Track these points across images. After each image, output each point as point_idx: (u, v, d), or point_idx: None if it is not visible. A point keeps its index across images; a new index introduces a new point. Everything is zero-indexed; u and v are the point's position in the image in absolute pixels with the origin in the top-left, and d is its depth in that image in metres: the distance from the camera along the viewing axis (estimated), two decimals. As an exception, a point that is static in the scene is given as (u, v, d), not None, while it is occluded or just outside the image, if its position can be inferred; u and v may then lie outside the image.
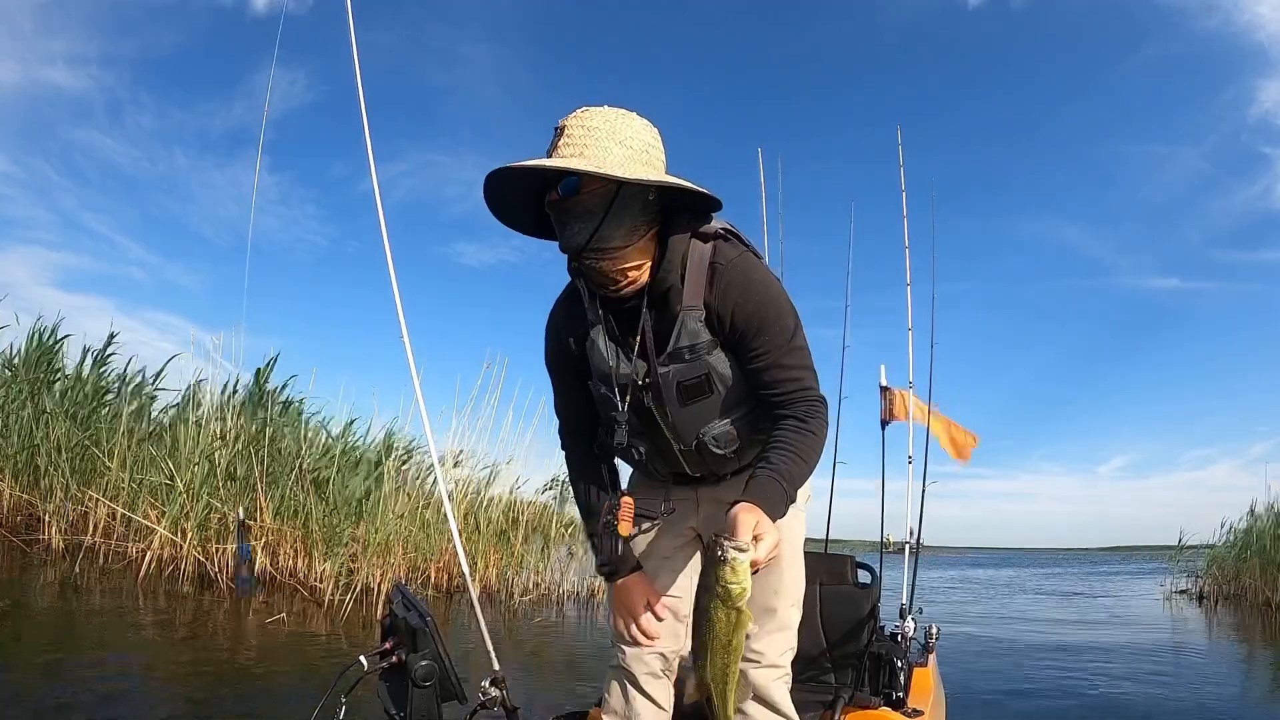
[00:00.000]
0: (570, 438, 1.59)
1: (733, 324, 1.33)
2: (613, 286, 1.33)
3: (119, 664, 3.74)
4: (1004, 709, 4.53)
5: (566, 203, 1.26)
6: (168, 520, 5.75)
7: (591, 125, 1.26)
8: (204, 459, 5.98)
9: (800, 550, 1.61)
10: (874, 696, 2.20)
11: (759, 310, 1.33)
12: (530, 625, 6.52)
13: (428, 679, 1.46)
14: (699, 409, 1.40)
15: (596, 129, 1.26)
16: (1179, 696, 4.94)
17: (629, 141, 1.27)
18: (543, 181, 1.29)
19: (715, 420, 1.42)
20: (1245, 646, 7.94)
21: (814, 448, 1.33)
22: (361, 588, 5.93)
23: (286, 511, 6.11)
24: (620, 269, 1.31)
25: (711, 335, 1.35)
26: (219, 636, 4.63)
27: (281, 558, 6.06)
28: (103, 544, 5.84)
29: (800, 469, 1.30)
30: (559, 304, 1.52)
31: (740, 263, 1.35)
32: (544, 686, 4.03)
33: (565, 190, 1.26)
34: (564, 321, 1.48)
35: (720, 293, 1.33)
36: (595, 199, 1.25)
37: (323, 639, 4.92)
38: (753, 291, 1.33)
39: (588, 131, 1.26)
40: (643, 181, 1.24)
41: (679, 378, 1.37)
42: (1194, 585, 12.07)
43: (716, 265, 1.34)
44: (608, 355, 1.40)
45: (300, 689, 3.65)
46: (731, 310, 1.32)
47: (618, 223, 1.26)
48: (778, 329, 1.34)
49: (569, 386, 1.53)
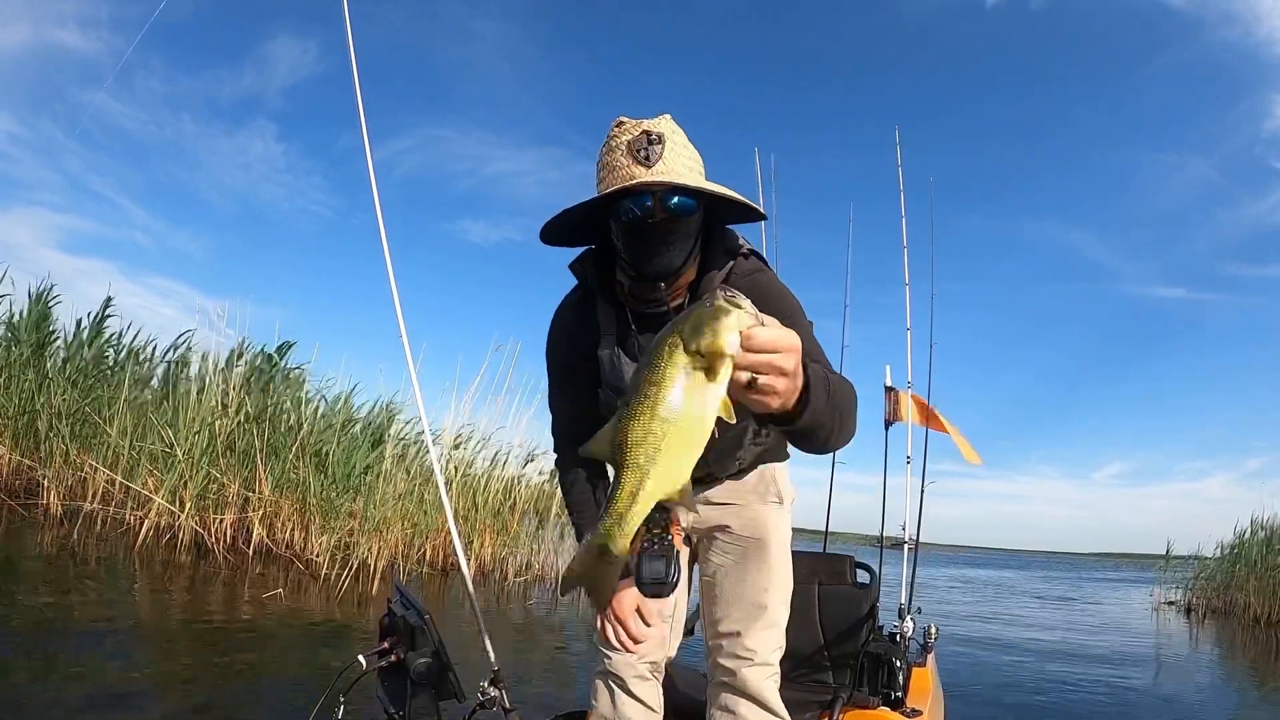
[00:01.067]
0: (565, 440, 1.57)
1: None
2: (660, 302, 1.32)
3: (111, 634, 3.75)
4: (1003, 709, 4.56)
5: (675, 223, 1.23)
6: (165, 489, 5.75)
7: (683, 141, 1.25)
8: (205, 428, 5.97)
9: (788, 548, 1.60)
10: (872, 696, 2.21)
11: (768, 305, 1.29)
12: (524, 607, 6.54)
13: (426, 677, 1.45)
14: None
15: (687, 146, 1.25)
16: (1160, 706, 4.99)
17: (698, 160, 1.28)
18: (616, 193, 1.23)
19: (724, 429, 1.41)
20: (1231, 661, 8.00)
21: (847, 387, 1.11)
22: (359, 564, 5.94)
23: (286, 484, 6.11)
24: (678, 287, 1.31)
25: None
26: (214, 608, 4.64)
27: (278, 530, 6.07)
28: (101, 510, 5.85)
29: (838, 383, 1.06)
30: (570, 306, 1.48)
31: (756, 276, 1.35)
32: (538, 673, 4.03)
33: (681, 211, 1.22)
34: (576, 326, 1.45)
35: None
36: (691, 223, 1.25)
37: (317, 615, 4.94)
38: (761, 291, 1.31)
39: (685, 148, 1.24)
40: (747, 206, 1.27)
41: None
42: (1182, 597, 12.08)
43: (731, 276, 1.34)
44: (620, 367, 1.38)
45: (293, 665, 3.67)
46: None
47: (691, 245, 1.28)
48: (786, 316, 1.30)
49: (571, 388, 1.51)
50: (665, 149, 1.21)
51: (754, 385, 0.81)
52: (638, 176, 1.20)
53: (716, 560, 1.58)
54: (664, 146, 1.20)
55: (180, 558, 5.56)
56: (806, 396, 0.91)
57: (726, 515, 1.57)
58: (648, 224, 1.22)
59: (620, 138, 1.23)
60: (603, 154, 1.27)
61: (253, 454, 6.02)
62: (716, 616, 1.55)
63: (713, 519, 1.58)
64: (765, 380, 0.81)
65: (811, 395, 0.91)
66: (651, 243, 1.24)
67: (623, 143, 1.22)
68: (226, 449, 6.03)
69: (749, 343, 0.78)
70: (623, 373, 1.38)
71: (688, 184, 1.19)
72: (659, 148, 1.20)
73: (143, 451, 5.92)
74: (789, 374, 0.83)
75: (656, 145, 1.20)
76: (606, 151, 1.26)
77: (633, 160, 1.20)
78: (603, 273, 1.40)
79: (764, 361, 0.80)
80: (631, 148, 1.21)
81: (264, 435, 6.08)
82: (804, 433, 0.97)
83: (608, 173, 1.25)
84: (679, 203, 1.21)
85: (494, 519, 7.32)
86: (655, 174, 1.20)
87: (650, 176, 1.20)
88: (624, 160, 1.21)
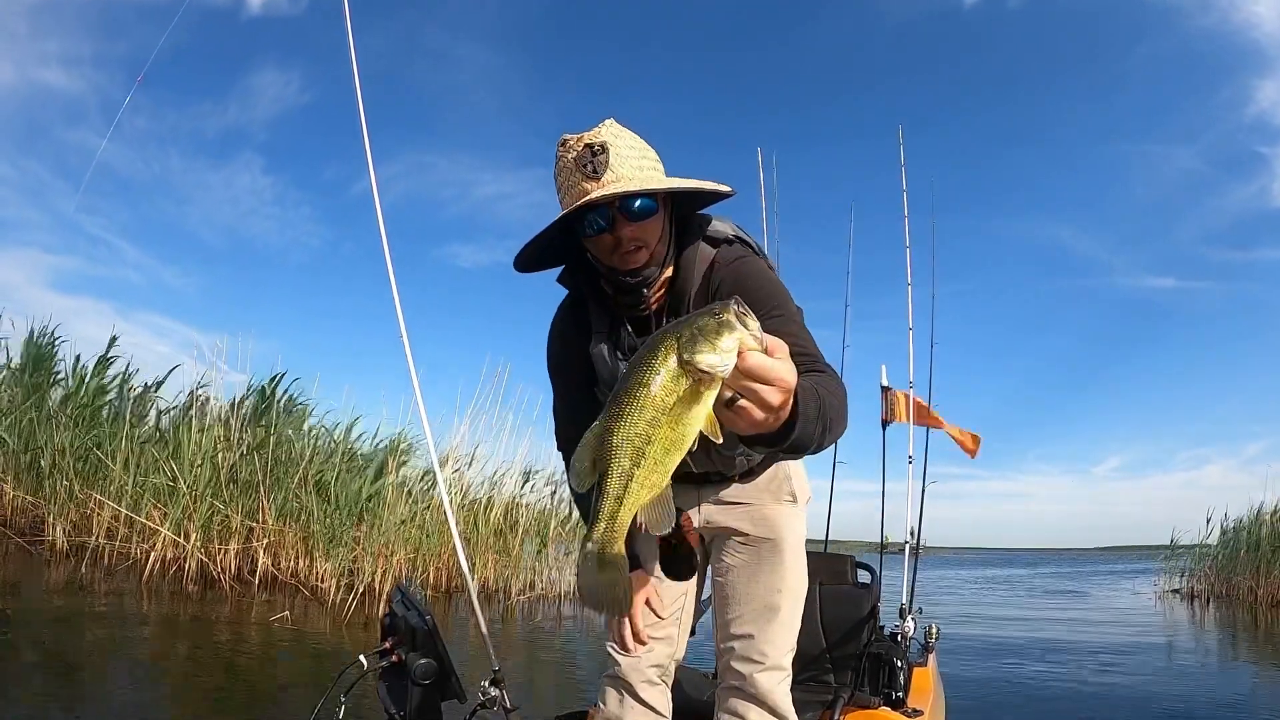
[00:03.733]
0: (570, 445, 1.52)
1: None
2: (644, 305, 1.33)
3: (123, 662, 3.76)
4: (1004, 708, 4.53)
5: (640, 230, 1.24)
6: (170, 522, 5.77)
7: (628, 143, 1.24)
8: (207, 462, 6.00)
9: (802, 549, 1.57)
10: (874, 696, 2.20)
11: (754, 288, 1.29)
12: (528, 623, 6.56)
13: (427, 678, 1.46)
14: None
15: (633, 146, 1.24)
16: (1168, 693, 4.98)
17: (652, 155, 1.27)
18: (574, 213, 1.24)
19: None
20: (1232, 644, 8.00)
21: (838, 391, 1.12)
22: (364, 588, 5.94)
23: (289, 513, 6.13)
24: (659, 285, 1.32)
25: None
26: (222, 634, 4.65)
27: (283, 558, 6.08)
28: (106, 545, 5.87)
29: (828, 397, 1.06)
30: (564, 311, 1.49)
31: (738, 264, 1.34)
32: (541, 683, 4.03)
33: (643, 214, 1.23)
34: (571, 329, 1.46)
35: (714, 292, 1.32)
36: (657, 222, 1.25)
37: (325, 636, 4.94)
38: (746, 281, 1.31)
39: (631, 149, 1.23)
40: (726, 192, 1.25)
41: None
42: (1185, 584, 12.10)
43: (715, 265, 1.34)
44: (611, 364, 1.38)
45: (302, 685, 3.67)
46: (725, 291, 1.30)
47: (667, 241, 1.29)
48: (774, 307, 1.29)
49: (573, 393, 1.50)
50: (610, 156, 1.21)
51: (732, 404, 0.79)
52: (589, 192, 1.21)
53: (729, 561, 1.55)
54: (608, 155, 1.20)
55: (187, 588, 5.58)
56: (793, 422, 0.87)
57: (739, 515, 1.55)
58: (614, 235, 1.23)
59: (566, 156, 1.23)
60: (556, 175, 1.27)
61: (255, 485, 6.04)
62: (729, 618, 1.52)
63: (725, 519, 1.56)
64: (744, 404, 0.79)
65: (799, 420, 0.88)
66: (623, 252, 1.25)
67: (570, 160, 1.23)
68: (230, 481, 6.06)
69: (742, 364, 0.76)
70: (615, 369, 1.37)
71: (637, 189, 1.19)
72: (603, 157, 1.20)
73: (146, 486, 5.95)
74: (774, 407, 0.80)
75: (600, 156, 1.20)
76: (558, 172, 1.26)
77: (582, 176, 1.21)
78: (591, 276, 1.41)
79: (750, 389, 0.77)
80: (578, 163, 1.21)
81: (266, 467, 6.11)
82: (786, 450, 0.95)
83: (563, 193, 1.26)
84: (640, 206, 1.22)
85: (496, 539, 7.33)
86: (605, 185, 1.21)
87: (600, 189, 1.20)
88: (575, 178, 1.22)
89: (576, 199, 1.21)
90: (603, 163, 1.20)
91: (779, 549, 1.52)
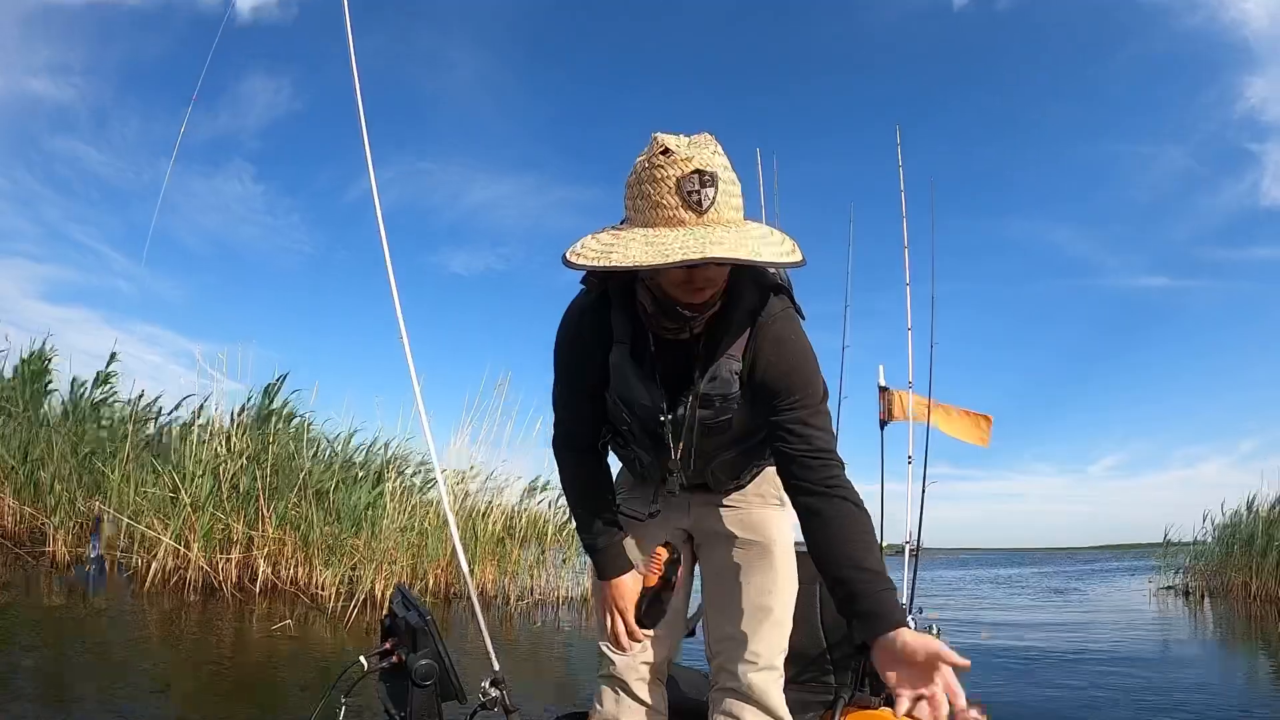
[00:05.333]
0: (568, 450, 1.53)
1: (762, 379, 1.32)
2: (684, 334, 1.32)
3: (124, 672, 3.76)
4: (1005, 707, 4.52)
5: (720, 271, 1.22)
6: (171, 532, 5.78)
7: (731, 177, 1.15)
8: (209, 473, 6.01)
9: (792, 549, 1.58)
10: (874, 696, 2.20)
11: (791, 372, 1.32)
12: (527, 628, 6.58)
13: (428, 678, 1.47)
14: (712, 444, 1.43)
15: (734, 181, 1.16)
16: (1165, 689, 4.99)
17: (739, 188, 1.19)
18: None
19: (724, 452, 1.46)
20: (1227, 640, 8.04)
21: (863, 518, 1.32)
22: (364, 595, 5.95)
23: (289, 523, 6.14)
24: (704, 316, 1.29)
25: (739, 389, 1.34)
26: (224, 642, 4.66)
27: (284, 567, 6.08)
28: (107, 556, 5.88)
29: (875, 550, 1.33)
30: (583, 312, 1.39)
31: (781, 319, 1.32)
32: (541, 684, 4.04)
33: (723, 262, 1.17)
34: (589, 331, 1.38)
35: (760, 354, 1.31)
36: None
37: (327, 643, 4.94)
38: (786, 351, 1.32)
39: (732, 185, 1.15)
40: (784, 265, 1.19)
41: (703, 421, 1.37)
42: (1180, 580, 12.14)
43: (765, 327, 1.31)
44: (631, 377, 1.37)
45: (303, 690, 3.68)
46: (764, 366, 1.31)
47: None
48: (807, 393, 1.32)
49: (578, 394, 1.46)
50: (718, 193, 1.11)
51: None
52: (687, 223, 1.11)
53: (718, 562, 1.56)
54: (716, 190, 1.11)
55: (189, 598, 5.58)
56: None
57: (728, 518, 1.57)
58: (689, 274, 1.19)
59: (668, 170, 1.11)
60: (642, 180, 1.14)
61: (255, 494, 6.05)
62: (720, 619, 1.53)
63: (715, 522, 1.58)
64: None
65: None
66: (695, 288, 1.21)
67: (671, 177, 1.11)
68: (230, 490, 6.08)
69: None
70: (631, 386, 1.36)
71: (749, 259, 1.09)
72: (711, 190, 1.10)
73: (146, 497, 5.96)
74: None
75: (709, 189, 1.10)
76: (649, 180, 1.13)
77: (682, 202, 1.10)
78: (627, 282, 1.34)
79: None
80: (681, 187, 1.10)
81: (266, 477, 6.13)
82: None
83: (650, 207, 1.13)
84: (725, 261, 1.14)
85: (495, 547, 7.36)
86: (706, 223, 1.11)
87: (703, 229, 1.11)
88: (671, 200, 1.11)
89: (669, 223, 1.12)
90: (710, 196, 1.11)
91: (768, 551, 1.54)
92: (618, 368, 1.37)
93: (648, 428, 1.40)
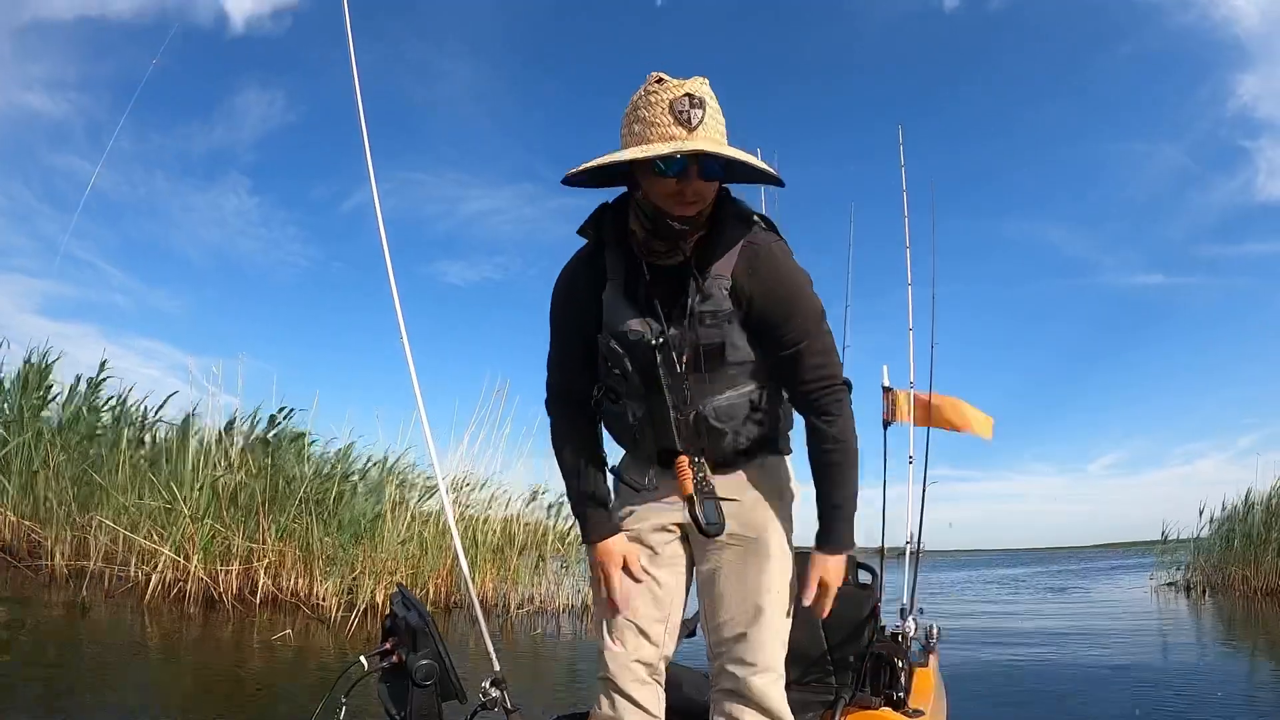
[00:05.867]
0: (558, 403, 1.58)
1: (759, 306, 1.36)
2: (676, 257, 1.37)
3: (125, 683, 3.75)
4: (1005, 707, 4.51)
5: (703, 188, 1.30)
6: (170, 543, 5.76)
7: (717, 106, 1.29)
8: (207, 486, 6.01)
9: (789, 548, 1.55)
10: (875, 697, 2.19)
11: (789, 296, 1.37)
12: (527, 635, 6.57)
13: (428, 678, 1.47)
14: (706, 378, 1.40)
15: (719, 110, 1.30)
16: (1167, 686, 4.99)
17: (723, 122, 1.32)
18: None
19: (718, 394, 1.42)
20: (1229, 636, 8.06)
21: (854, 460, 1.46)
22: (365, 605, 5.94)
23: (290, 534, 6.14)
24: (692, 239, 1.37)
25: (734, 307, 1.37)
26: (225, 652, 4.65)
27: (284, 578, 6.07)
28: (106, 568, 5.88)
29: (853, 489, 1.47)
30: (578, 260, 1.50)
31: (775, 248, 1.39)
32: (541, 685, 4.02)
33: (715, 175, 1.30)
34: (583, 273, 1.47)
35: (751, 271, 1.36)
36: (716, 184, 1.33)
37: (328, 653, 4.94)
38: (783, 275, 1.37)
39: (718, 112, 1.29)
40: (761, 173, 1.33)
41: (694, 341, 1.37)
42: (1180, 577, 12.12)
43: (752, 245, 1.38)
44: (625, 308, 1.41)
45: (303, 698, 3.68)
46: (761, 292, 1.36)
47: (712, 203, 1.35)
48: (807, 314, 1.39)
49: (570, 345, 1.51)
50: (706, 114, 1.25)
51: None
52: (678, 138, 1.24)
53: (715, 561, 1.52)
54: (705, 112, 1.25)
55: (189, 609, 5.57)
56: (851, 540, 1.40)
57: (727, 512, 1.49)
58: (680, 184, 1.28)
59: (661, 95, 1.26)
60: (638, 108, 1.29)
61: (255, 507, 6.04)
62: (718, 620, 1.50)
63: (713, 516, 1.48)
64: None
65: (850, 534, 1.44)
66: (685, 201, 1.30)
67: (664, 100, 1.25)
68: (230, 503, 6.07)
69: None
70: (624, 317, 1.40)
71: (731, 155, 1.25)
72: (700, 112, 1.24)
73: (143, 510, 5.95)
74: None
75: (698, 109, 1.24)
76: (645, 106, 1.27)
77: (674, 120, 1.24)
78: (619, 220, 1.43)
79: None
80: (674, 107, 1.24)
81: (266, 490, 6.13)
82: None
83: (644, 127, 1.27)
84: (711, 170, 1.28)
85: (495, 555, 7.35)
86: (696, 139, 1.24)
87: (692, 141, 1.24)
88: (664, 118, 1.25)
89: (662, 139, 1.25)
90: (699, 116, 1.24)
91: (766, 550, 1.50)
92: (611, 303, 1.42)
93: (641, 364, 1.39)
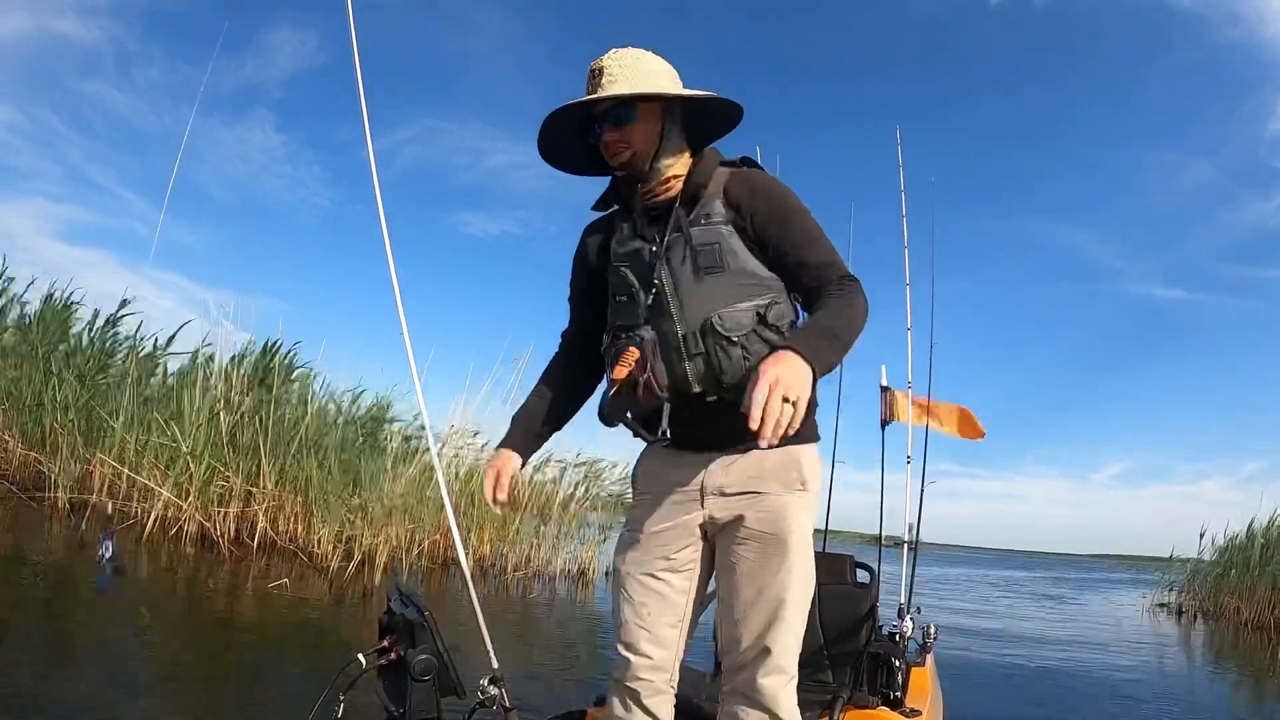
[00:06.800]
0: (560, 346, 1.70)
1: (755, 210, 1.43)
2: (650, 194, 1.49)
3: (117, 622, 3.79)
4: (1002, 707, 4.57)
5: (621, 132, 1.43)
6: (170, 482, 5.79)
7: (624, 61, 1.44)
8: (209, 424, 6.00)
9: (810, 545, 1.50)
10: (872, 696, 2.20)
11: (783, 199, 1.44)
12: (523, 600, 6.61)
13: (426, 673, 1.45)
14: (710, 285, 1.41)
15: (629, 65, 1.44)
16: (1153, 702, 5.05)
17: (659, 72, 1.46)
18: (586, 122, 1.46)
19: (725, 305, 1.40)
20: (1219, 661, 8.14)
21: (857, 310, 1.37)
22: (363, 555, 5.99)
23: (288, 479, 6.15)
24: (666, 180, 1.48)
25: (727, 211, 1.45)
26: (220, 599, 4.70)
27: (282, 523, 6.12)
28: (107, 503, 5.89)
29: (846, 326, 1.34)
30: (596, 220, 1.65)
31: (756, 173, 1.51)
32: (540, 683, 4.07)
33: (620, 120, 1.43)
34: (597, 233, 1.62)
35: (741, 183, 1.46)
36: (641, 127, 1.44)
37: (322, 605, 4.99)
38: (774, 185, 1.47)
39: (623, 67, 1.43)
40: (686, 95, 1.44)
41: (692, 241, 1.44)
42: (1174, 599, 12.17)
43: (738, 170, 1.50)
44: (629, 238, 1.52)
45: (300, 663, 3.71)
46: (755, 198, 1.44)
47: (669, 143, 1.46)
48: (805, 217, 1.45)
49: (582, 299, 1.64)
50: (603, 78, 1.43)
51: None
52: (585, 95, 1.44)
53: (732, 557, 1.48)
54: (603, 75, 1.43)
55: (185, 549, 5.61)
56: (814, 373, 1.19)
57: (744, 506, 1.47)
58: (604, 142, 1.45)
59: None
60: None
61: (255, 448, 6.05)
62: (733, 619, 1.46)
63: (729, 510, 1.49)
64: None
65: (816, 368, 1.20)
66: (611, 152, 1.46)
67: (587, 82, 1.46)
68: (230, 444, 6.07)
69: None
70: (628, 241, 1.52)
71: (608, 94, 1.40)
72: (598, 78, 1.43)
73: (148, 446, 5.96)
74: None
75: (596, 78, 1.43)
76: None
77: (586, 90, 1.44)
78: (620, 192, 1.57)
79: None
80: (588, 85, 1.45)
81: (266, 431, 6.12)
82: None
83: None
84: (615, 113, 1.43)
85: (493, 516, 7.35)
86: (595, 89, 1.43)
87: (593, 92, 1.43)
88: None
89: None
90: (598, 81, 1.43)
91: (785, 546, 1.44)
92: (618, 238, 1.54)
93: (642, 275, 1.46)
